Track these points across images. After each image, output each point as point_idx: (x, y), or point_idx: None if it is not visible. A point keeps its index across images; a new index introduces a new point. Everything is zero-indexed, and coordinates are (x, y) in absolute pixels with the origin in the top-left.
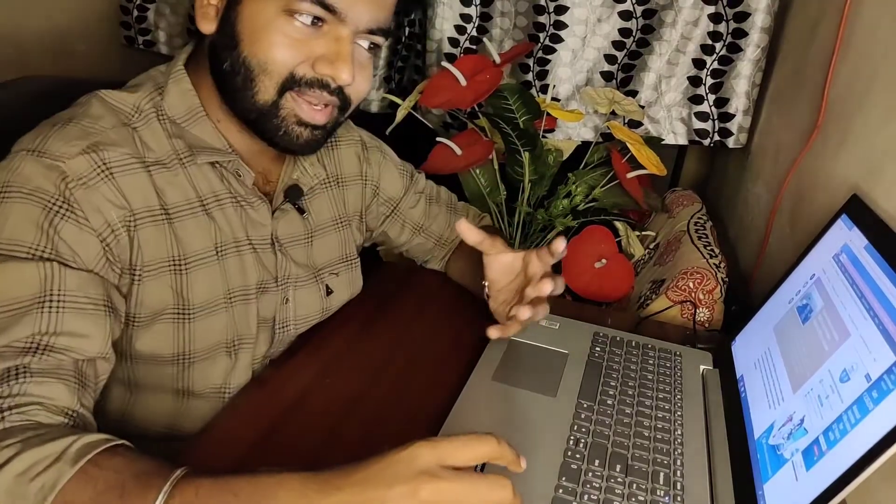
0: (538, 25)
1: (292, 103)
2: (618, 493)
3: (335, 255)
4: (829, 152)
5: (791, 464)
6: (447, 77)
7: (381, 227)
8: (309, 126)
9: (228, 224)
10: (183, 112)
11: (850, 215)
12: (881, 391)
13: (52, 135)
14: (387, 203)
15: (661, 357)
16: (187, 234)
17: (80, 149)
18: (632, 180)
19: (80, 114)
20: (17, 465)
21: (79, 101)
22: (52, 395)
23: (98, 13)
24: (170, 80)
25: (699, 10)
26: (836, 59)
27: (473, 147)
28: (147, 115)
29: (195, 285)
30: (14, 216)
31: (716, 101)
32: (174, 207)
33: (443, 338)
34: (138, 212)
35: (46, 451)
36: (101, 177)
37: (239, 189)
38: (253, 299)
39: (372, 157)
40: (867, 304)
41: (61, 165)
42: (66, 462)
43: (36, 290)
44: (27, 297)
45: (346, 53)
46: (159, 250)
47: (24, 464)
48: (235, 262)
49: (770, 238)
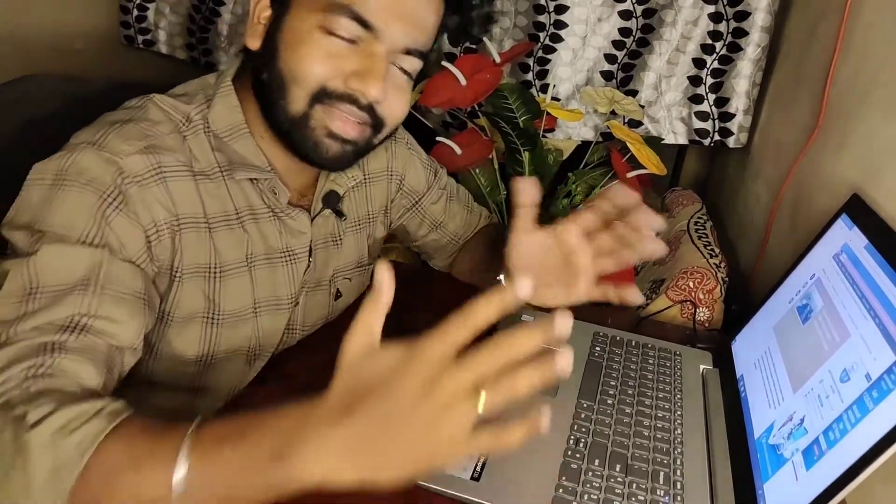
0: (538, 25)
1: (322, 115)
2: (618, 493)
3: (352, 258)
4: (830, 152)
5: (791, 463)
6: (447, 76)
7: (400, 220)
8: (339, 139)
9: (262, 237)
10: (226, 127)
11: (851, 215)
12: (881, 391)
13: (112, 132)
14: (410, 196)
15: (661, 357)
16: (222, 244)
17: (138, 148)
18: (632, 180)
19: (139, 116)
20: (55, 422)
21: (132, 103)
22: (82, 374)
23: (97, 12)
24: (217, 93)
25: (699, 9)
26: (836, 59)
27: (473, 146)
28: (196, 126)
29: (227, 293)
30: (70, 202)
31: (716, 101)
32: (213, 218)
33: None
34: (183, 217)
35: (82, 409)
36: (155, 178)
37: (276, 204)
38: (285, 309)
39: (398, 151)
40: (867, 304)
41: (119, 161)
42: (102, 419)
43: (81, 273)
44: (73, 279)
45: (378, 70)
46: (198, 256)
47: (61, 420)
48: (266, 274)
49: (770, 238)
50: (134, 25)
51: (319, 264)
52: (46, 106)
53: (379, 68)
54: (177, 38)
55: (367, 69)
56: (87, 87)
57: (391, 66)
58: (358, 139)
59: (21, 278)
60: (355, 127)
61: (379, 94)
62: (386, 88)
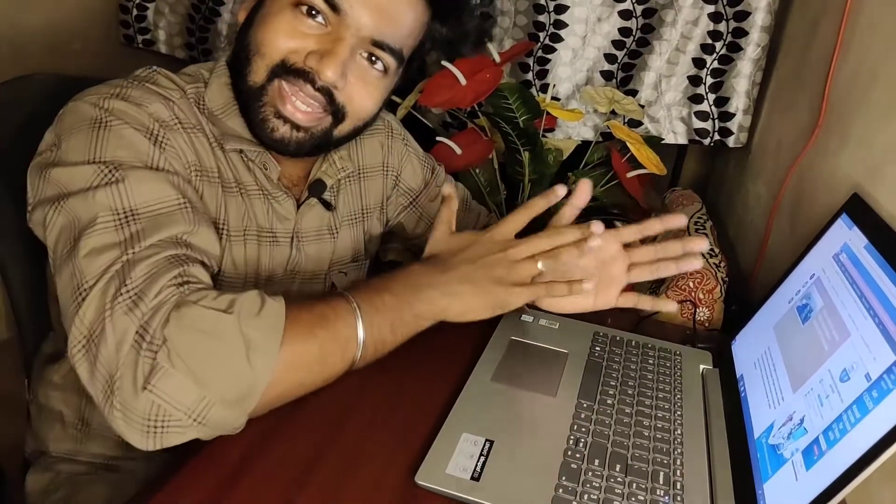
0: (538, 24)
1: (275, 93)
2: (618, 493)
3: (348, 252)
4: (830, 151)
5: (791, 463)
6: (447, 76)
7: (397, 218)
8: (289, 122)
9: (253, 212)
10: (220, 104)
11: (851, 215)
12: (881, 391)
13: (128, 86)
14: (406, 194)
15: (660, 357)
16: (230, 208)
17: (158, 99)
18: (632, 180)
19: (148, 78)
20: (239, 308)
21: (138, 73)
22: (208, 281)
23: (95, 12)
24: (213, 74)
25: (699, 9)
26: (836, 58)
27: (473, 146)
28: (194, 102)
29: (228, 256)
30: (127, 137)
31: (716, 101)
32: (224, 180)
33: (442, 337)
34: (204, 168)
35: (251, 296)
36: (178, 126)
37: (265, 183)
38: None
39: (395, 147)
40: (867, 304)
41: (147, 108)
42: (273, 300)
43: (173, 194)
44: (168, 200)
45: (337, 53)
46: (213, 209)
47: (243, 305)
48: (253, 249)
49: (770, 237)
50: (133, 25)
51: (312, 256)
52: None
53: (339, 51)
54: (176, 38)
55: (326, 50)
56: (87, 86)
57: (358, 56)
58: (310, 126)
59: (114, 202)
60: (305, 113)
61: (335, 76)
62: (345, 75)
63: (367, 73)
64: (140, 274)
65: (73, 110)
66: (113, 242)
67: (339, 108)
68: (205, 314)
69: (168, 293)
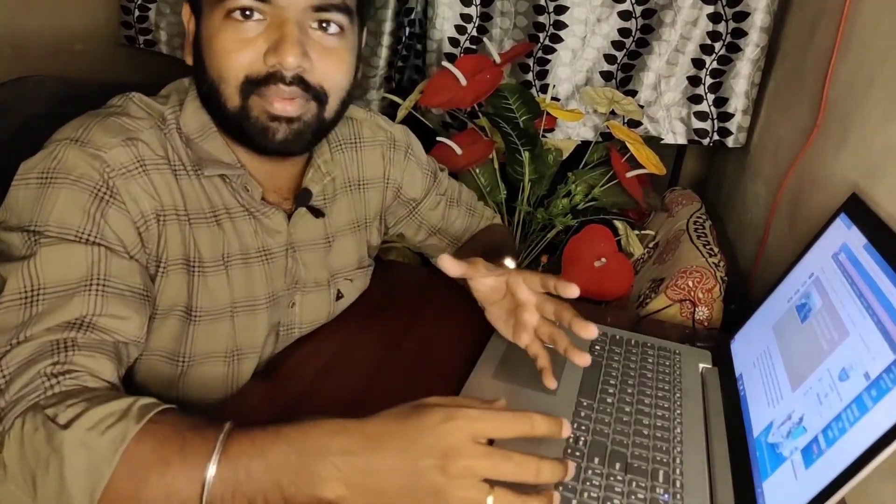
0: (538, 25)
1: (260, 102)
2: (617, 491)
3: (352, 259)
4: (829, 151)
5: (790, 462)
6: (447, 77)
7: (396, 227)
8: (283, 120)
9: (237, 236)
10: (196, 128)
11: (850, 214)
12: (880, 390)
13: (93, 126)
14: (407, 204)
15: (660, 356)
16: (201, 240)
17: (119, 140)
18: (631, 179)
19: (119, 112)
20: (86, 421)
21: (113, 101)
22: (98, 368)
23: (97, 12)
24: (188, 95)
25: (698, 9)
26: (835, 58)
27: (473, 147)
28: (170, 126)
29: (203, 290)
30: (62, 201)
31: (715, 101)
32: (192, 213)
33: (443, 337)
34: (166, 208)
35: (111, 409)
36: (139, 169)
37: (250, 203)
38: (262, 309)
39: (396, 158)
40: (866, 303)
41: (103, 155)
42: (132, 418)
43: (84, 272)
44: (76, 278)
45: (287, 36)
46: (180, 248)
47: (93, 419)
48: (241, 273)
49: (769, 237)
50: (135, 26)
51: (310, 265)
52: (44, 107)
53: (287, 34)
54: (177, 39)
55: (276, 40)
56: (86, 88)
57: (308, 29)
58: (303, 115)
59: (22, 281)
60: (294, 103)
61: (296, 59)
62: (307, 54)
63: (325, 41)
64: (18, 359)
65: (40, 155)
66: (11, 325)
67: (318, 91)
68: (37, 436)
69: (34, 386)
